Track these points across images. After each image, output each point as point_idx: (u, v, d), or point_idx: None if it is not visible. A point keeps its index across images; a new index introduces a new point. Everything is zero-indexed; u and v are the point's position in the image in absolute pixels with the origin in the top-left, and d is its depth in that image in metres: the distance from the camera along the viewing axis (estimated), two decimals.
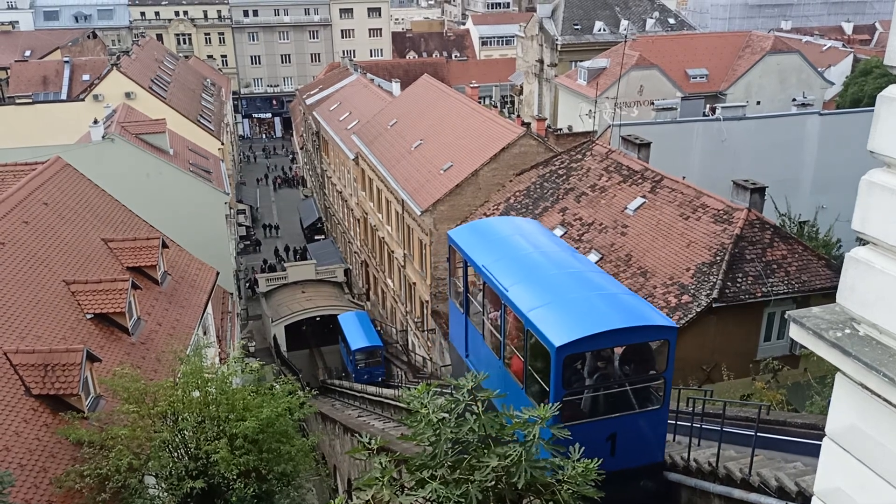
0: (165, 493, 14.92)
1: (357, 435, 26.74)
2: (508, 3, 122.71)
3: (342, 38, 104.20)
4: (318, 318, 49.08)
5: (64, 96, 61.83)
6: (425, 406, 7.56)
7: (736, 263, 22.48)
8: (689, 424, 13.31)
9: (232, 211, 49.65)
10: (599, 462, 7.50)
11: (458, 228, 16.87)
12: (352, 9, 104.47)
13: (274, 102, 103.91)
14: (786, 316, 3.95)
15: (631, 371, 12.39)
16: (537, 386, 11.96)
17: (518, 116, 57.71)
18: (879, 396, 3.48)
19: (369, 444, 8.10)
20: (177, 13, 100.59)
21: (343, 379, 44.58)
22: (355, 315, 46.10)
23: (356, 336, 43.28)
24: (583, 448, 7.56)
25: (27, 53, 78.05)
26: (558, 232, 27.75)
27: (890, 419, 3.46)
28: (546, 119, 48.45)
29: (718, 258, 22.59)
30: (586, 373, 11.93)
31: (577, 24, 69.38)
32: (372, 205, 47.27)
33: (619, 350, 12.27)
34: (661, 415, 12.17)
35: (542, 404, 8.05)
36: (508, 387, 12.51)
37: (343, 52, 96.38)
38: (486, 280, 13.75)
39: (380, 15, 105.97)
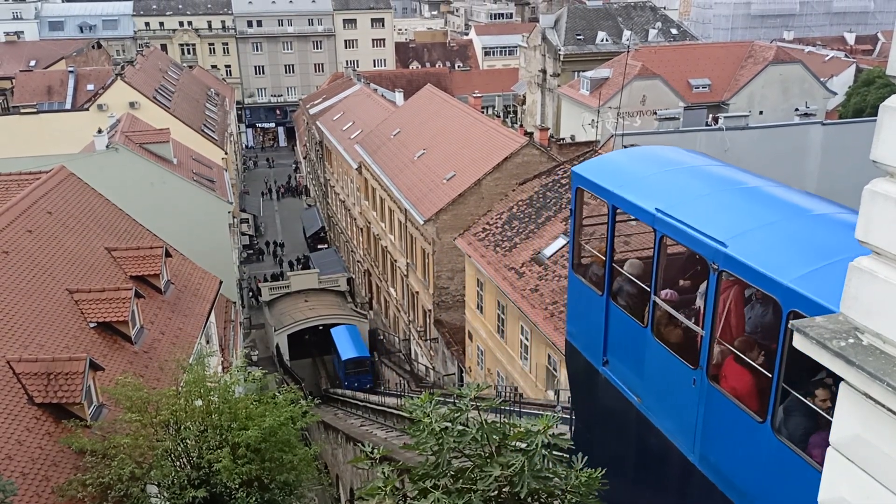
0: (167, 502, 14.89)
1: (360, 444, 26.71)
2: (511, 14, 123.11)
3: (345, 48, 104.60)
4: (320, 328, 49.10)
5: (68, 106, 62.08)
6: (428, 415, 7.55)
7: None
8: None
9: (235, 220, 49.74)
10: (602, 472, 7.48)
11: (591, 163, 11.11)
12: (355, 19, 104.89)
13: (277, 112, 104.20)
14: (789, 325, 3.94)
15: None
16: (803, 420, 6.65)
17: (521, 126, 57.76)
18: (883, 406, 3.48)
19: (372, 453, 8.08)
20: (181, 23, 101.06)
21: (337, 387, 45.16)
22: (346, 328, 47.97)
23: (346, 347, 45.59)
24: (586, 457, 7.51)
25: (32, 63, 78.40)
26: (561, 241, 27.77)
27: (894, 429, 3.45)
28: (549, 129, 48.51)
29: None
30: None
31: (579, 35, 69.59)
32: (375, 214, 47.32)
33: None
34: None
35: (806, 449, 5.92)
36: (719, 416, 7.63)
37: (346, 62, 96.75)
38: (665, 234, 8.46)
39: (383, 25, 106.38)
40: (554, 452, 7.47)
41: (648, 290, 8.74)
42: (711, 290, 7.54)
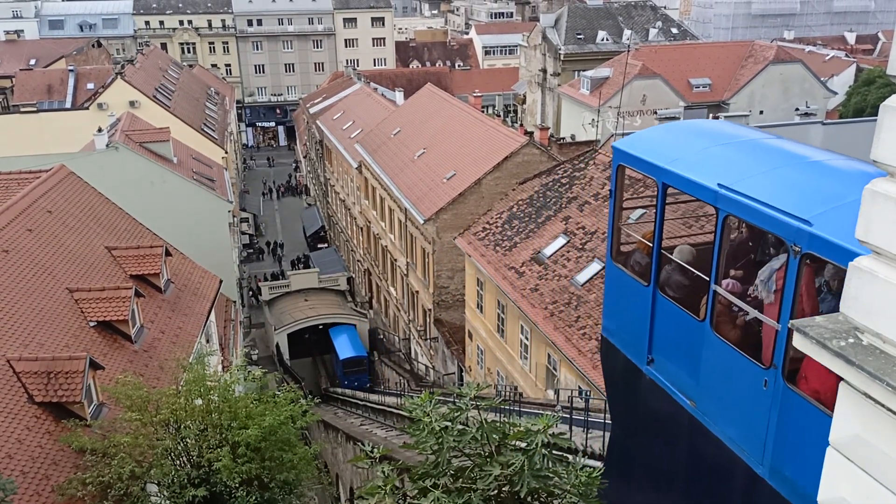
0: (167, 501, 14.89)
1: (359, 443, 26.72)
2: (512, 13, 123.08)
3: (346, 47, 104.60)
4: (320, 327, 49.14)
5: (68, 105, 62.06)
6: (428, 415, 7.55)
7: None
8: None
9: (235, 219, 49.74)
10: (601, 471, 7.48)
11: (635, 138, 9.78)
12: (355, 18, 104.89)
13: (277, 111, 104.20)
14: (789, 325, 3.94)
15: None
16: None
17: (521, 125, 57.76)
18: (883, 406, 3.48)
19: (372, 452, 8.09)
20: (181, 22, 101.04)
21: (337, 386, 45.40)
22: (344, 328, 48.41)
23: (344, 347, 46.16)
24: (585, 456, 7.51)
25: (32, 62, 78.37)
26: (561, 241, 27.78)
27: (894, 429, 3.45)
28: (549, 128, 48.52)
29: None
30: None
31: (580, 34, 69.58)
32: (375, 213, 47.33)
33: None
34: None
35: None
36: (796, 423, 6.57)
37: (347, 61, 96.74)
38: (731, 213, 7.37)
39: (383, 24, 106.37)
40: (554, 452, 7.46)
41: (707, 278, 7.61)
42: (791, 277, 6.52)
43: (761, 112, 56.66)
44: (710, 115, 47.12)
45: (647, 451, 9.52)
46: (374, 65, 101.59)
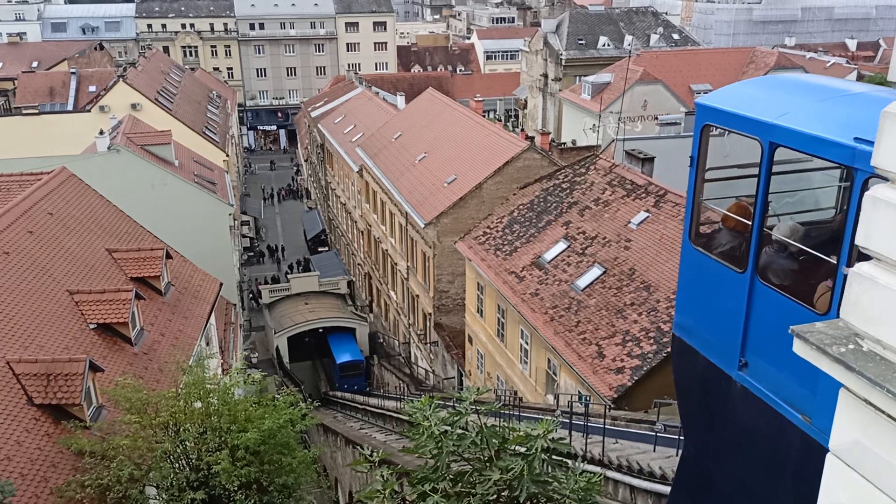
0: None
1: (359, 447, 26.68)
2: (513, 18, 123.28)
3: (347, 51, 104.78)
4: (320, 330, 49.14)
5: (70, 107, 62.17)
6: (427, 419, 7.54)
7: None
8: None
9: (236, 222, 49.77)
10: (601, 476, 7.45)
11: (725, 93, 8.11)
12: (357, 23, 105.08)
13: (279, 115, 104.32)
14: (789, 331, 3.94)
15: None
16: None
17: (522, 130, 57.86)
18: (883, 412, 3.47)
19: (371, 456, 8.08)
20: (183, 26, 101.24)
21: (336, 390, 45.48)
22: (342, 333, 48.81)
23: (341, 351, 46.44)
24: (585, 461, 7.48)
25: (34, 64, 78.53)
26: (561, 246, 27.78)
27: (894, 435, 3.45)
28: (550, 133, 48.59)
29: None
30: None
31: (581, 39, 69.68)
32: (375, 217, 47.35)
33: None
34: None
35: None
36: None
37: (348, 65, 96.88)
38: (872, 175, 5.41)
39: (385, 29, 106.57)
40: (553, 457, 7.44)
41: (833, 261, 6.22)
42: None
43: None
44: None
45: (734, 478, 7.90)
46: (376, 69, 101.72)
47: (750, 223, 7.09)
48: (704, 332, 8.00)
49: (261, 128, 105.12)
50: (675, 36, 75.46)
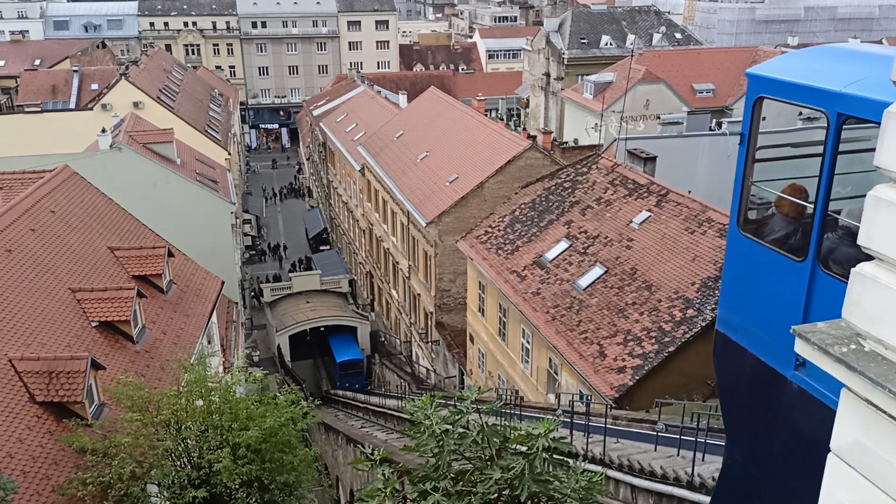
0: (167, 502, 14.89)
1: (360, 446, 26.71)
2: (516, 17, 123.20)
3: (350, 50, 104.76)
4: (322, 329, 49.18)
5: (72, 105, 62.18)
6: (429, 417, 7.55)
7: None
8: (694, 439, 13.27)
9: (238, 221, 49.78)
10: (602, 476, 7.45)
11: (780, 62, 7.34)
12: (359, 21, 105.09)
13: (281, 113, 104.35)
14: (791, 331, 3.94)
15: None
16: None
17: (524, 129, 57.81)
18: (885, 412, 3.47)
19: (372, 455, 8.09)
20: (186, 24, 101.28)
21: (337, 388, 45.71)
22: (342, 332, 49.05)
23: (341, 350, 46.74)
24: (586, 460, 7.48)
25: (37, 62, 78.56)
26: (563, 245, 27.77)
27: (895, 435, 3.45)
28: (552, 132, 48.54)
29: None
30: None
31: (583, 38, 69.61)
32: (377, 216, 47.36)
33: None
34: None
35: None
36: None
37: (350, 63, 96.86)
38: None
39: (387, 28, 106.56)
40: (554, 456, 7.45)
41: None
42: None
43: (764, 118, 56.53)
44: (714, 120, 47.16)
45: (786, 489, 7.24)
46: (378, 68, 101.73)
47: (810, 206, 6.35)
48: (754, 328, 7.28)
49: (263, 126, 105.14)
50: (678, 35, 75.36)
